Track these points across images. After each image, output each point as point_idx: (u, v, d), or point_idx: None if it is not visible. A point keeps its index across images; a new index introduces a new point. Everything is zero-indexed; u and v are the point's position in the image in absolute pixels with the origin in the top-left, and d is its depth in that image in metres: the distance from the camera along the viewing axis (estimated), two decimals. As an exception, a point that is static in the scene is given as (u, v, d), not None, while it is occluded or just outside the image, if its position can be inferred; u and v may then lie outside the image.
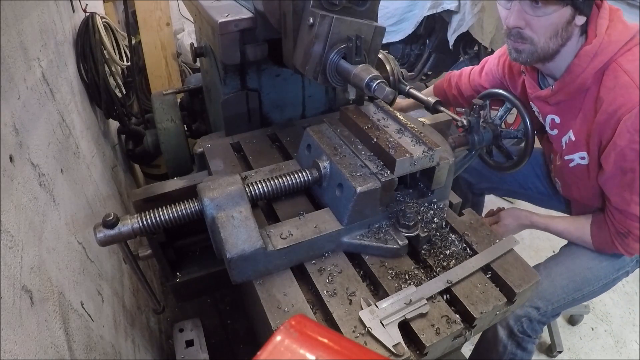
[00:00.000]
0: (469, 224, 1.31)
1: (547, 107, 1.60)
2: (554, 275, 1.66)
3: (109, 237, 1.09)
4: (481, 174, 2.12)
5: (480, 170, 2.10)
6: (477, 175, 2.13)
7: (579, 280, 1.65)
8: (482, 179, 2.13)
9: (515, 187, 2.08)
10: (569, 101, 1.50)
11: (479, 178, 2.14)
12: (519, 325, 1.63)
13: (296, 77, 1.59)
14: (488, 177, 2.11)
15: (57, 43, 1.69)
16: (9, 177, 0.95)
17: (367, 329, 0.99)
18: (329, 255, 1.18)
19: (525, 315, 1.62)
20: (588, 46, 1.38)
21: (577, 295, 1.66)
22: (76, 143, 1.60)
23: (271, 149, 1.52)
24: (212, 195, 1.11)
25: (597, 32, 1.37)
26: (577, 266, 1.67)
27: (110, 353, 1.29)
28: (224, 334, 2.00)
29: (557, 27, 1.34)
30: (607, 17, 1.39)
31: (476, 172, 2.12)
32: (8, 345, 0.77)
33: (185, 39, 3.99)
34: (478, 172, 2.11)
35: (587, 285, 1.66)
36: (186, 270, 1.43)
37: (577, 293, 1.65)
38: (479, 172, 2.11)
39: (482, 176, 2.12)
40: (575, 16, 1.34)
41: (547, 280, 1.64)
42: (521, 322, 1.63)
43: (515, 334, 1.64)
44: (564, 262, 1.70)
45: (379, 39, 1.16)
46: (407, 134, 1.23)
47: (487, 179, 2.12)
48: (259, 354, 0.70)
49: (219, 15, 1.28)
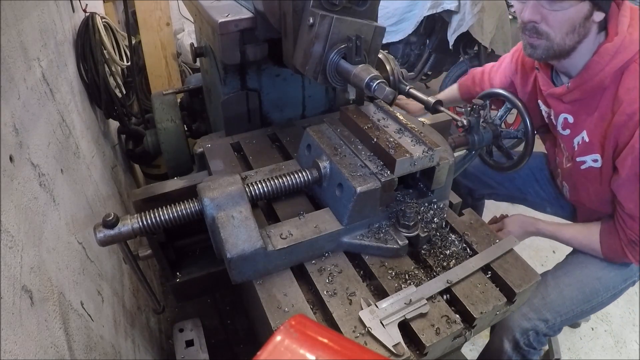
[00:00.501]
0: (469, 224, 1.31)
1: (560, 105, 1.54)
2: (563, 286, 1.61)
3: (109, 237, 1.09)
4: (480, 179, 2.09)
5: (479, 176, 2.08)
6: (476, 180, 2.10)
7: (588, 291, 1.60)
8: (481, 185, 2.10)
9: (514, 191, 2.05)
10: (585, 100, 1.45)
11: (478, 184, 2.11)
12: (525, 339, 1.59)
13: (296, 77, 1.59)
14: (487, 183, 2.09)
15: (57, 43, 1.69)
16: (9, 177, 0.95)
17: (367, 329, 0.99)
18: (329, 255, 1.18)
19: (532, 328, 1.57)
20: (609, 44, 1.32)
21: (585, 307, 1.61)
22: (76, 143, 1.60)
23: (271, 149, 1.51)
24: (212, 195, 1.11)
25: (619, 30, 1.32)
26: (585, 276, 1.62)
27: (110, 353, 1.29)
28: (224, 334, 2.00)
29: (574, 22, 1.29)
30: (629, 15, 1.34)
31: (475, 177, 2.10)
32: (8, 345, 0.77)
33: (185, 39, 3.99)
34: (477, 177, 2.09)
35: (596, 296, 1.62)
36: (186, 270, 1.43)
37: (585, 305, 1.61)
38: (478, 177, 2.09)
39: (481, 182, 2.09)
40: (593, 12, 1.28)
41: (556, 292, 1.60)
42: (528, 335, 1.59)
43: (521, 347, 1.60)
44: (572, 271, 1.65)
45: (379, 39, 1.16)
46: (407, 134, 1.23)
47: (486, 184, 2.09)
48: (259, 354, 0.70)
49: (219, 15, 1.28)
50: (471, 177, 2.09)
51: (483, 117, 1.66)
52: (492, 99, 1.79)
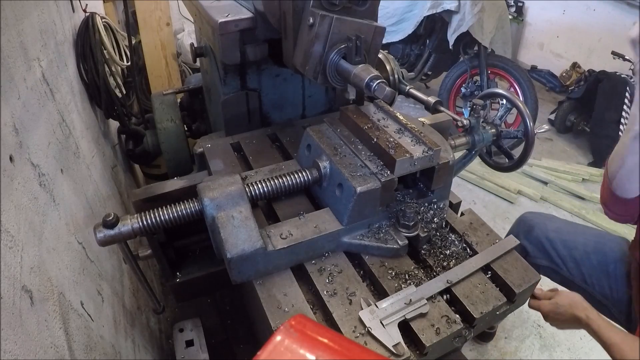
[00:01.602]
0: (469, 224, 1.31)
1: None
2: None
3: (109, 237, 1.09)
4: (542, 245, 1.74)
5: (542, 241, 1.74)
6: (537, 244, 1.75)
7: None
8: (541, 252, 1.74)
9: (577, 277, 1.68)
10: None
11: (537, 249, 1.75)
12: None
13: (296, 77, 1.59)
14: (548, 252, 1.72)
15: (57, 43, 1.69)
16: (9, 177, 0.95)
17: (367, 329, 0.99)
18: (329, 255, 1.18)
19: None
20: None
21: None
22: (76, 143, 1.60)
23: (271, 149, 1.51)
24: (212, 195, 1.11)
25: None
26: None
27: (110, 353, 1.29)
28: (224, 334, 2.00)
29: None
30: None
31: (537, 241, 1.74)
32: (8, 345, 0.77)
33: (185, 39, 3.99)
34: (539, 242, 1.74)
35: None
36: (186, 270, 1.43)
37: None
38: (540, 242, 1.74)
39: (541, 248, 1.73)
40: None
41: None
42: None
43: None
44: None
45: (379, 39, 1.16)
46: (407, 134, 1.23)
47: (547, 254, 1.72)
48: (259, 354, 0.70)
49: (219, 15, 1.28)
50: (533, 239, 1.75)
51: (483, 117, 1.66)
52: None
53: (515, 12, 5.14)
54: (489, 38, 3.44)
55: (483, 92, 1.82)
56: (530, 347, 2.32)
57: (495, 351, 2.28)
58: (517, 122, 3.73)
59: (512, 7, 5.01)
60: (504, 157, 1.86)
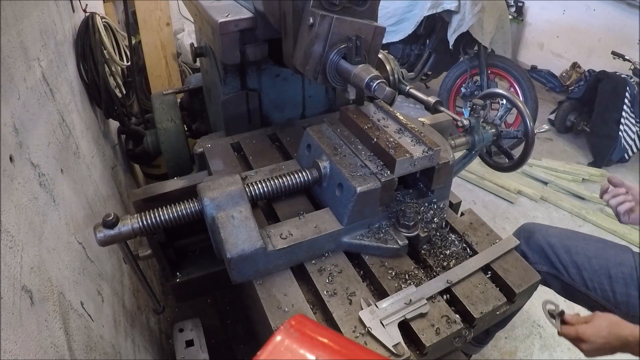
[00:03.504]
0: (469, 224, 1.31)
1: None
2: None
3: (109, 237, 1.09)
4: (543, 252, 1.67)
5: (543, 247, 1.66)
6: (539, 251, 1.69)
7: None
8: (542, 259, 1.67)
9: (578, 282, 1.62)
10: None
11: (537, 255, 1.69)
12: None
13: (296, 77, 1.59)
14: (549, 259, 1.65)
15: (57, 43, 1.69)
16: (9, 177, 0.95)
17: (367, 329, 0.99)
18: (329, 255, 1.18)
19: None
20: None
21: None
22: (76, 143, 1.60)
23: (271, 149, 1.51)
24: (212, 195, 1.11)
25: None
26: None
27: (110, 353, 1.29)
28: (224, 334, 2.00)
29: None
30: None
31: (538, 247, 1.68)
32: (8, 345, 0.77)
33: (185, 39, 3.99)
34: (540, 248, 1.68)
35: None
36: (186, 270, 1.43)
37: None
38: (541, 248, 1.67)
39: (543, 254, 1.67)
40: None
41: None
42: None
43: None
44: None
45: (379, 39, 1.16)
46: (407, 134, 1.23)
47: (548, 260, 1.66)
48: (259, 354, 0.70)
49: (219, 15, 1.28)
50: (533, 244, 1.69)
51: (483, 117, 1.66)
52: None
53: (515, 12, 5.14)
54: (489, 38, 3.44)
55: (483, 92, 1.82)
56: (530, 347, 2.32)
57: (495, 351, 2.28)
58: (517, 122, 3.73)
59: (512, 7, 5.01)
60: (504, 157, 1.86)
